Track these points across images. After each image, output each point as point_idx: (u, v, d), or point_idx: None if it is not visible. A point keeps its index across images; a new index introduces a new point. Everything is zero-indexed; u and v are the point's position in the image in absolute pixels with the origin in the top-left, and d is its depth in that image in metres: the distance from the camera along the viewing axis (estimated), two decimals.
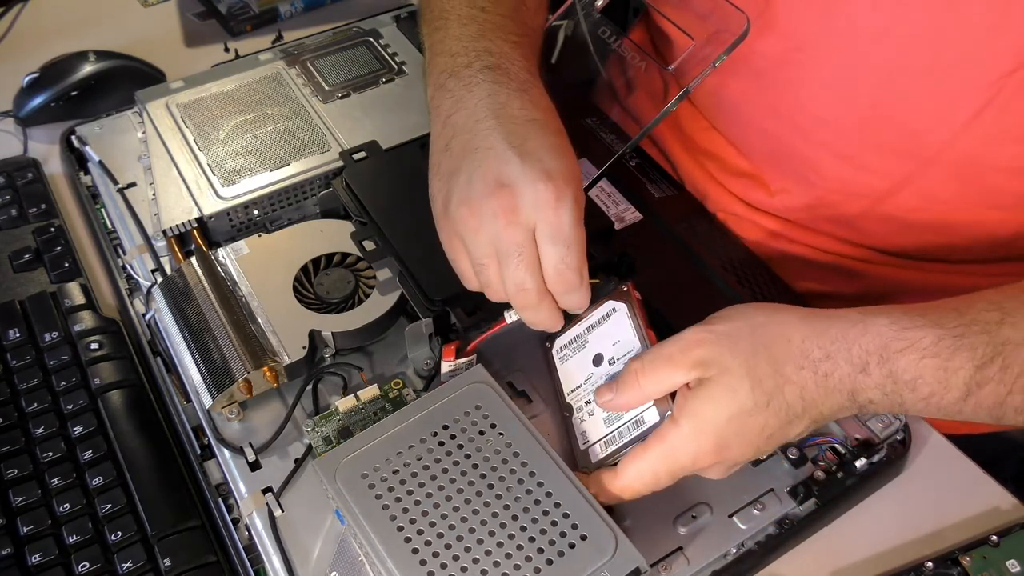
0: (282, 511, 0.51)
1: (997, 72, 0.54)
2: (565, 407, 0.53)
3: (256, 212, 0.65)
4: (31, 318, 0.62)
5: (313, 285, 0.60)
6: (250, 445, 0.54)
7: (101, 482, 0.54)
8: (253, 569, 0.51)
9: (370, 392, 0.55)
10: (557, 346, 0.55)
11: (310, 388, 0.56)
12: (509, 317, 0.54)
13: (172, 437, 0.57)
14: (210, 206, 0.63)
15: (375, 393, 0.55)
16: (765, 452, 0.48)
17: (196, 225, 0.63)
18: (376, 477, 0.47)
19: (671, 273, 0.63)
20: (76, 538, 0.52)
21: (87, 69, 0.77)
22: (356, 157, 0.65)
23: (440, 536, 0.45)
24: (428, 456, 0.47)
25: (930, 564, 0.50)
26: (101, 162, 0.69)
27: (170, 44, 0.88)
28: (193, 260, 0.60)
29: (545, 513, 0.46)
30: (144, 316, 0.62)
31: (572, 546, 0.45)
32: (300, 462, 0.53)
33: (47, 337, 0.61)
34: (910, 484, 0.55)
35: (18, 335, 0.61)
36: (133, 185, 0.67)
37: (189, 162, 0.66)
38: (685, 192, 0.73)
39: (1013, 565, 0.50)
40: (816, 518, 0.52)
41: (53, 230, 0.68)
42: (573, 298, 0.51)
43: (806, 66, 0.61)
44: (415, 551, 0.44)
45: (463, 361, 0.54)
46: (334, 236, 0.62)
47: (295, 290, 0.59)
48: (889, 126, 0.60)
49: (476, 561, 0.44)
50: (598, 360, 0.52)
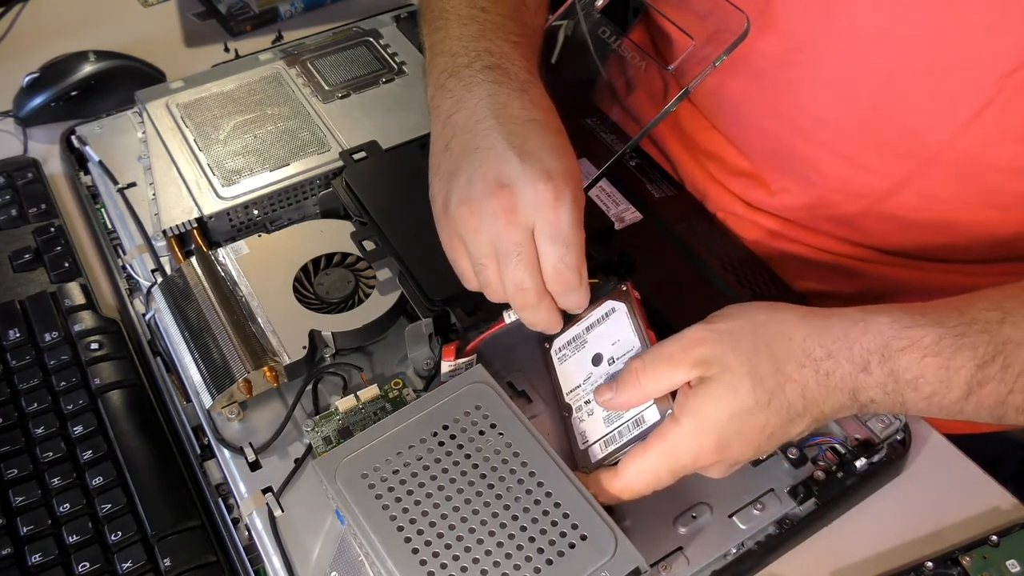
0: (282, 511, 0.51)
1: (997, 72, 0.54)
2: (564, 407, 0.53)
3: (256, 212, 0.65)
4: (31, 318, 0.62)
5: (313, 285, 0.60)
6: (250, 445, 0.54)
7: (101, 482, 0.54)
8: (253, 569, 0.51)
9: (370, 392, 0.55)
10: (556, 346, 0.55)
11: (310, 388, 0.56)
12: (508, 317, 0.54)
13: (172, 437, 0.57)
14: (210, 206, 0.63)
15: (375, 393, 0.55)
16: (766, 451, 0.48)
17: (196, 225, 0.63)
18: (376, 477, 0.47)
19: (671, 273, 0.63)
20: (76, 538, 0.51)
21: (87, 69, 0.77)
22: (356, 157, 0.65)
23: (440, 536, 0.45)
24: (428, 456, 0.47)
25: (930, 564, 0.50)
26: (101, 162, 0.69)
27: (170, 44, 0.88)
28: (193, 260, 0.60)
29: (545, 513, 0.46)
30: (144, 316, 0.62)
31: (572, 546, 0.45)
32: (300, 462, 0.53)
33: (47, 337, 0.61)
34: (910, 484, 0.55)
35: (18, 335, 0.61)
36: (133, 185, 0.67)
37: (189, 162, 0.66)
38: (685, 192, 0.73)
39: (1013, 565, 0.50)
40: (816, 518, 0.52)
41: (53, 230, 0.68)
42: (572, 298, 0.51)
43: (806, 66, 0.61)
44: (415, 551, 0.44)
45: (463, 361, 0.54)
46: (334, 236, 0.62)
47: (295, 290, 0.59)
48: (889, 126, 0.60)
49: (476, 561, 0.44)
50: (597, 360, 0.52)
